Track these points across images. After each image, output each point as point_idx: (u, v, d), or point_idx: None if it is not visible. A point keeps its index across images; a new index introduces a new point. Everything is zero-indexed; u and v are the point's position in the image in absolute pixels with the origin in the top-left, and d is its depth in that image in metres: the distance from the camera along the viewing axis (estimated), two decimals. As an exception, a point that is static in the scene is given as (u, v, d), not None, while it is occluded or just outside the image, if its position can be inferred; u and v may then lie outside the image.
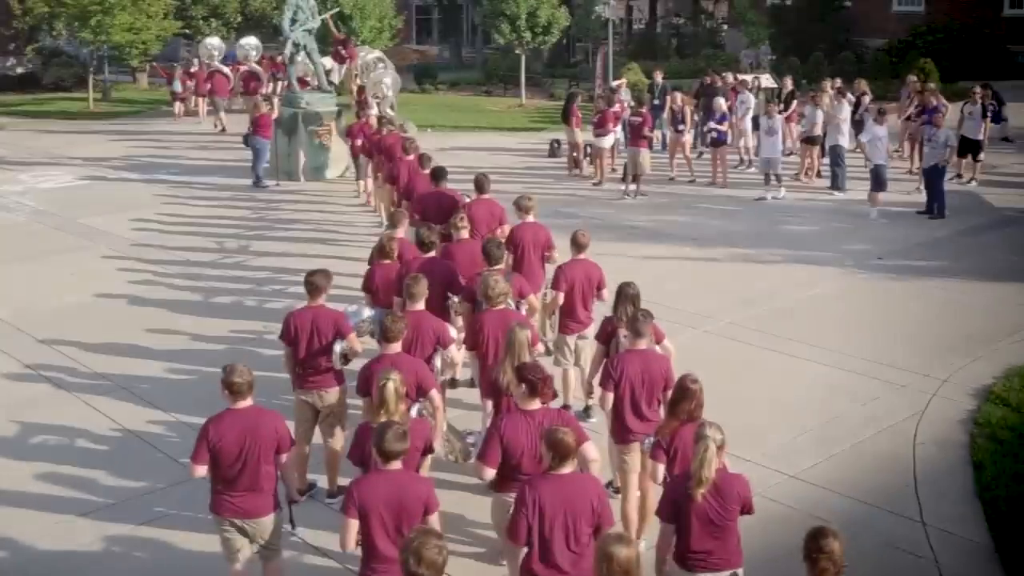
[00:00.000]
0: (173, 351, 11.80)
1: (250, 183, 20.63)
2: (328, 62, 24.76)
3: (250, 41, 28.58)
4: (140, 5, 30.82)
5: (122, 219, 18.09)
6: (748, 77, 24.60)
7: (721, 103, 20.66)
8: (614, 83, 24.88)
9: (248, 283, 14.51)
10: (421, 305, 8.32)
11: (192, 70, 29.94)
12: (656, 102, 23.08)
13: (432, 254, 9.84)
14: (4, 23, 33.82)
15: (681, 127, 20.89)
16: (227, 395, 6.54)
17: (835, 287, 14.00)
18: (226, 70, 28.57)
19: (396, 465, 5.84)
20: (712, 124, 20.40)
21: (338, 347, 8.09)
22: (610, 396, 7.58)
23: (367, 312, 9.04)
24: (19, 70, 38.18)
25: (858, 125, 20.94)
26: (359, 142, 18.30)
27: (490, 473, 6.48)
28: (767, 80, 26.11)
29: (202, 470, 6.52)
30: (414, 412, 7.08)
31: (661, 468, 6.67)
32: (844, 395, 10.43)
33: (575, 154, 21.84)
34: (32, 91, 36.35)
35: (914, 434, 9.57)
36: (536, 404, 6.58)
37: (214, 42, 29.64)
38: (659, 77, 24.29)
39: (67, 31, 31.78)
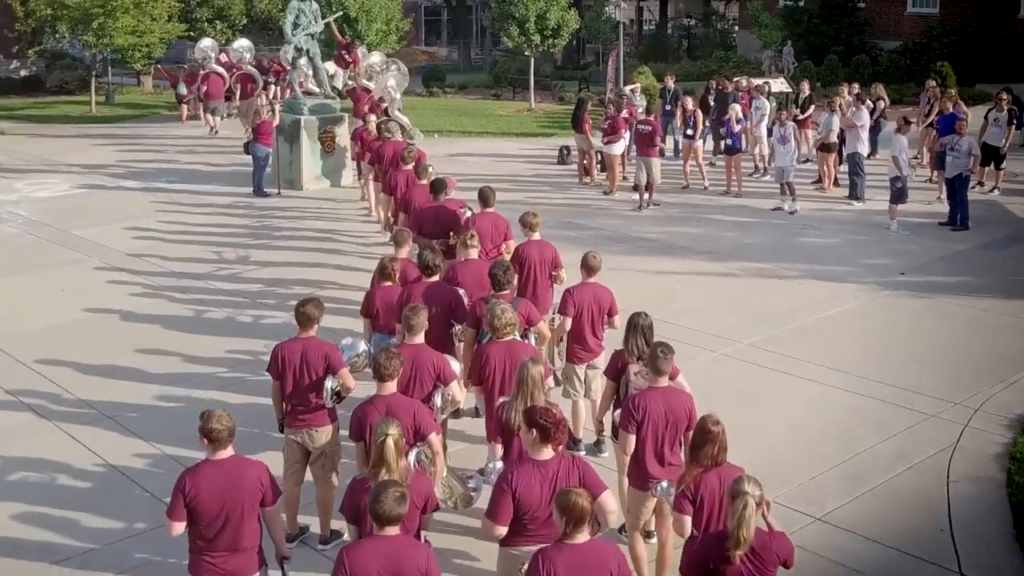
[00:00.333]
0: (164, 374, 11.23)
1: (250, 191, 20.10)
2: (331, 67, 24.24)
3: (242, 43, 28.05)
4: (143, 8, 30.39)
5: (118, 229, 17.54)
6: (760, 81, 23.97)
7: (736, 109, 20.04)
8: (628, 87, 24.25)
9: (247, 296, 13.98)
10: (420, 338, 7.73)
11: (200, 72, 29.41)
12: (668, 107, 22.52)
13: (436, 278, 9.27)
14: (7, 26, 33.45)
15: (691, 132, 20.30)
16: (206, 444, 5.96)
17: (856, 305, 13.42)
18: (222, 71, 28.01)
19: (393, 530, 5.31)
20: (734, 121, 19.63)
21: (330, 383, 7.50)
22: (632, 439, 7.00)
23: (362, 346, 8.42)
24: (23, 73, 37.80)
25: (872, 130, 20.39)
26: (357, 148, 17.84)
27: (501, 531, 5.94)
28: (779, 84, 25.50)
29: (180, 527, 5.95)
30: (412, 457, 6.52)
31: (688, 520, 6.12)
32: (870, 426, 9.85)
33: (585, 162, 21.26)
34: (36, 94, 35.94)
35: (947, 471, 8.99)
36: (548, 452, 6.02)
37: (207, 43, 28.95)
38: (670, 82, 23.70)
39: (70, 34, 31.32)
